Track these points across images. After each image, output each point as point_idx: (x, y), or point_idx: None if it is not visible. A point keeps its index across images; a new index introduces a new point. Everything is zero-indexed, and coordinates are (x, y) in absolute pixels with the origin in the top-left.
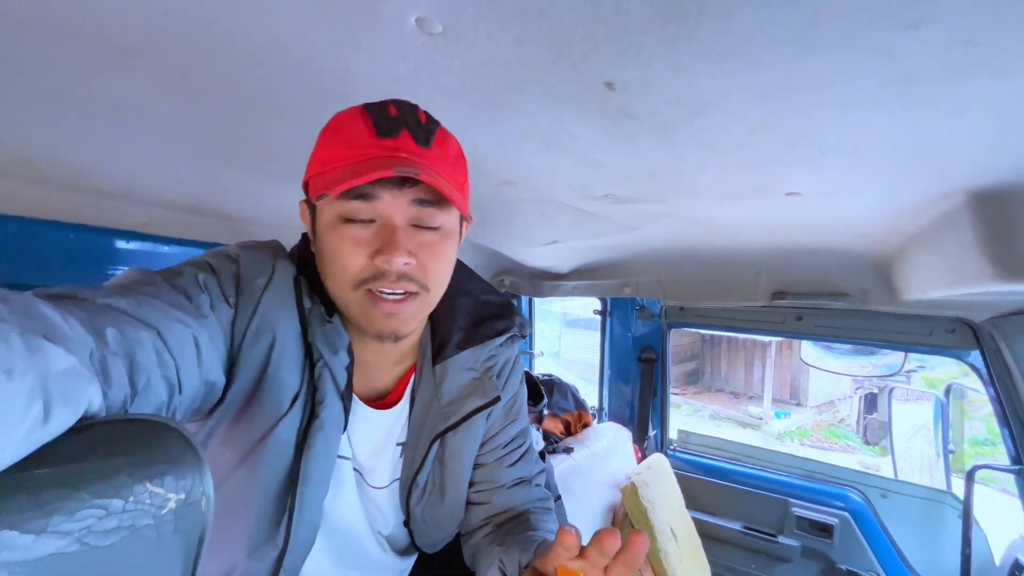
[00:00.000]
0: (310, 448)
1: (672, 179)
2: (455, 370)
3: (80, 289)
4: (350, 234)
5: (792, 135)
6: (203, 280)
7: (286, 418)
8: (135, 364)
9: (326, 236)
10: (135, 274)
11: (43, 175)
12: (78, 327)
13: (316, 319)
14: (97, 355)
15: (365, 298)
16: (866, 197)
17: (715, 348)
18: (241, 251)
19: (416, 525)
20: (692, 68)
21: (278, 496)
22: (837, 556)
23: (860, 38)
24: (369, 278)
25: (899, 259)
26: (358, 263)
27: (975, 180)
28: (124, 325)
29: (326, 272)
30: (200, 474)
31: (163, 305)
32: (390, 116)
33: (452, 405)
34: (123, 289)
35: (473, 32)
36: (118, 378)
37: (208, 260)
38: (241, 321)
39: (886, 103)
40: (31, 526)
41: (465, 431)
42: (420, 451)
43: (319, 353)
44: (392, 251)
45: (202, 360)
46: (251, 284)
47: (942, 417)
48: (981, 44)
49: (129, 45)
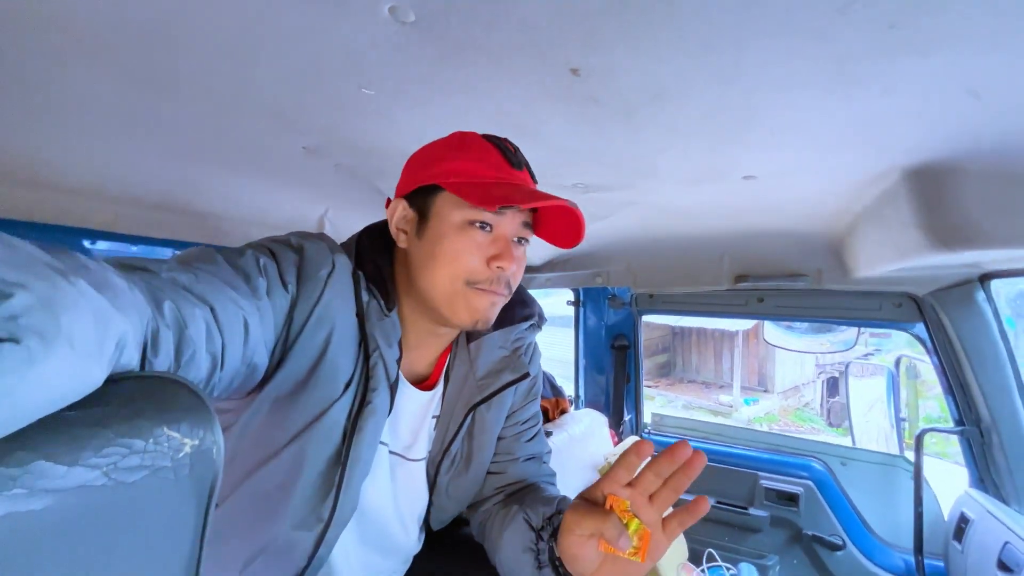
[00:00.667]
0: (360, 431)
1: (636, 164)
2: (489, 348)
3: (149, 262)
4: (475, 238)
5: (744, 117)
6: (263, 264)
7: (339, 401)
8: (184, 338)
9: (449, 236)
10: (198, 251)
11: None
12: (140, 297)
13: (374, 312)
14: (151, 326)
15: (470, 291)
16: (815, 177)
17: (685, 340)
18: (303, 241)
19: (438, 498)
20: (650, 53)
21: (324, 474)
22: (803, 523)
23: (797, 22)
24: (482, 279)
25: (849, 238)
26: (475, 262)
27: (908, 157)
28: (182, 300)
29: (437, 265)
30: (211, 425)
31: (220, 283)
32: (511, 151)
33: (487, 379)
34: (186, 265)
35: (445, 20)
36: (165, 349)
37: (269, 246)
38: (302, 308)
39: (825, 84)
40: (64, 459)
41: (496, 405)
42: (455, 423)
43: (375, 344)
44: (509, 260)
45: (249, 341)
46: (314, 275)
47: (893, 388)
48: (902, 27)
49: (95, 36)
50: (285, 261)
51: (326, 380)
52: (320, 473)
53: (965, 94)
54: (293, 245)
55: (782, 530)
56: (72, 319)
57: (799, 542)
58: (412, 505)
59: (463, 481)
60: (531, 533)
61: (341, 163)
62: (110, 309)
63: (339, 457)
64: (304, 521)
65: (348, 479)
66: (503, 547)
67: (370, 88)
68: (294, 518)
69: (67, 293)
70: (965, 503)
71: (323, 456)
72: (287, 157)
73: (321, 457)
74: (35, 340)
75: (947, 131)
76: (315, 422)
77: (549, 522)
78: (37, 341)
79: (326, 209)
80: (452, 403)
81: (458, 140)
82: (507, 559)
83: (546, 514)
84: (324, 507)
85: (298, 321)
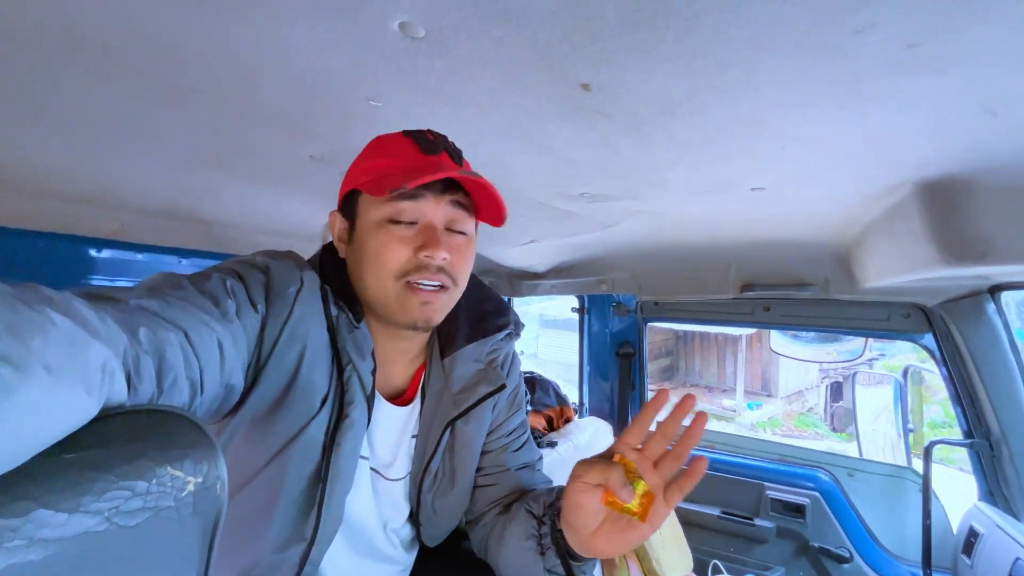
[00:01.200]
0: (339, 446)
1: (645, 176)
2: (463, 361)
3: (114, 290)
4: (396, 232)
5: (755, 131)
6: (231, 286)
7: (316, 418)
8: (164, 363)
9: (371, 235)
10: (164, 277)
11: (5, 180)
12: (113, 325)
13: (344, 326)
14: (131, 353)
15: (404, 289)
16: (824, 189)
17: (689, 344)
18: (269, 260)
19: (425, 515)
20: (662, 69)
21: (305, 493)
22: (810, 534)
23: (813, 41)
24: (411, 270)
25: (857, 248)
26: (402, 256)
27: (921, 171)
28: (155, 326)
29: (367, 269)
30: (215, 460)
31: (191, 308)
32: (429, 139)
33: (463, 393)
34: (153, 291)
35: (455, 36)
36: (147, 375)
37: (235, 268)
38: (272, 328)
39: (839, 100)
40: (64, 505)
41: (474, 419)
42: (432, 440)
43: (348, 358)
44: (436, 247)
45: (224, 363)
46: (283, 293)
47: (901, 398)
48: (921, 45)
49: (101, 45)
50: (252, 281)
51: (301, 398)
52: (301, 491)
53: (982, 111)
54: (259, 265)
55: (788, 542)
56: (43, 344)
57: (805, 554)
58: (393, 519)
59: (450, 498)
60: (533, 521)
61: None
62: (84, 335)
63: (319, 474)
64: (288, 541)
65: (330, 495)
66: (505, 545)
67: (378, 100)
68: (277, 539)
69: (33, 320)
70: (974, 516)
71: (303, 474)
72: (294, 165)
73: (301, 475)
74: (6, 368)
75: (962, 147)
76: (292, 441)
77: (550, 508)
78: (9, 369)
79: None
80: (429, 420)
81: (375, 142)
82: (509, 555)
83: (547, 502)
84: (307, 525)
85: (269, 340)
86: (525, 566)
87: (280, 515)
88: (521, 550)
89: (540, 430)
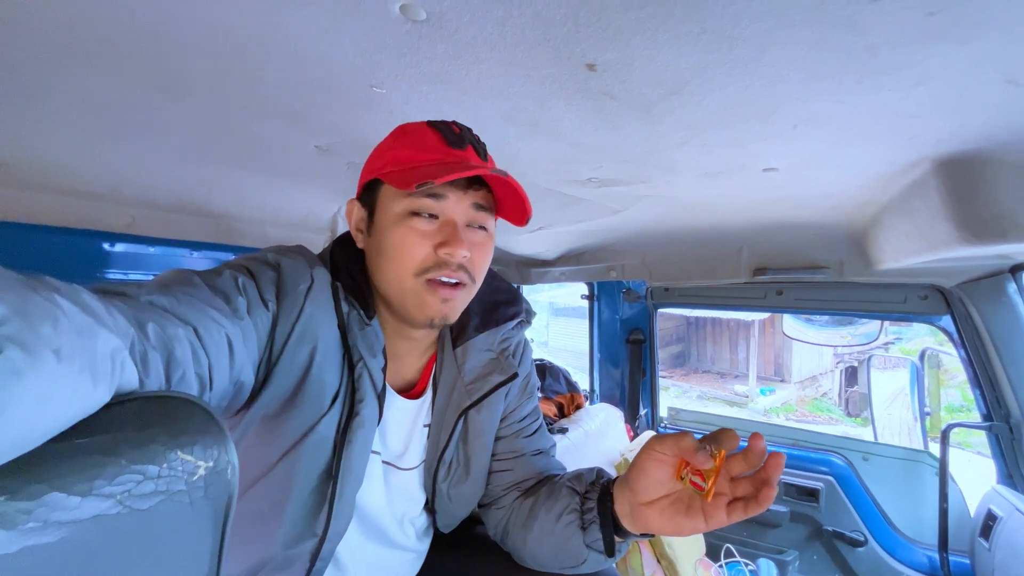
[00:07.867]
0: (350, 444)
1: (653, 159)
2: (475, 351)
3: (126, 286)
4: (417, 227)
5: (766, 109)
6: (242, 283)
7: (327, 416)
8: (172, 359)
9: (392, 228)
10: (175, 274)
11: (16, 176)
12: (121, 319)
13: (355, 323)
14: (139, 347)
15: (423, 286)
16: (839, 169)
17: (700, 330)
18: (280, 257)
19: (441, 503)
20: (669, 47)
21: (316, 490)
22: (823, 518)
23: (827, 12)
24: (431, 267)
25: (873, 229)
26: (422, 253)
27: (940, 148)
28: (164, 321)
29: (385, 262)
30: (225, 444)
31: (201, 304)
32: (455, 132)
33: (475, 383)
34: (164, 287)
35: (457, 17)
36: (155, 370)
37: (246, 264)
38: (283, 326)
39: (854, 74)
40: (76, 489)
41: (487, 408)
42: (446, 430)
43: (359, 355)
44: (457, 244)
45: (234, 360)
46: (294, 291)
47: (918, 381)
48: (941, 13)
49: (106, 39)
50: (263, 279)
51: (313, 396)
52: (312, 489)
53: (1005, 83)
54: (270, 262)
55: (802, 526)
56: (53, 330)
57: (819, 538)
58: (408, 511)
59: (465, 486)
60: (576, 497)
61: (353, 161)
62: (92, 324)
63: (330, 471)
64: (299, 537)
65: (340, 492)
66: (536, 524)
67: (381, 87)
68: (288, 535)
69: (42, 307)
70: (993, 499)
71: (314, 471)
72: (300, 156)
73: (312, 473)
74: (15, 349)
75: (982, 121)
76: (304, 438)
77: (594, 485)
78: (18, 351)
79: (339, 207)
80: (442, 410)
81: (399, 131)
82: (541, 534)
83: (589, 479)
84: (318, 522)
85: (280, 338)
86: (563, 541)
87: (291, 512)
88: (559, 526)
89: (551, 417)
